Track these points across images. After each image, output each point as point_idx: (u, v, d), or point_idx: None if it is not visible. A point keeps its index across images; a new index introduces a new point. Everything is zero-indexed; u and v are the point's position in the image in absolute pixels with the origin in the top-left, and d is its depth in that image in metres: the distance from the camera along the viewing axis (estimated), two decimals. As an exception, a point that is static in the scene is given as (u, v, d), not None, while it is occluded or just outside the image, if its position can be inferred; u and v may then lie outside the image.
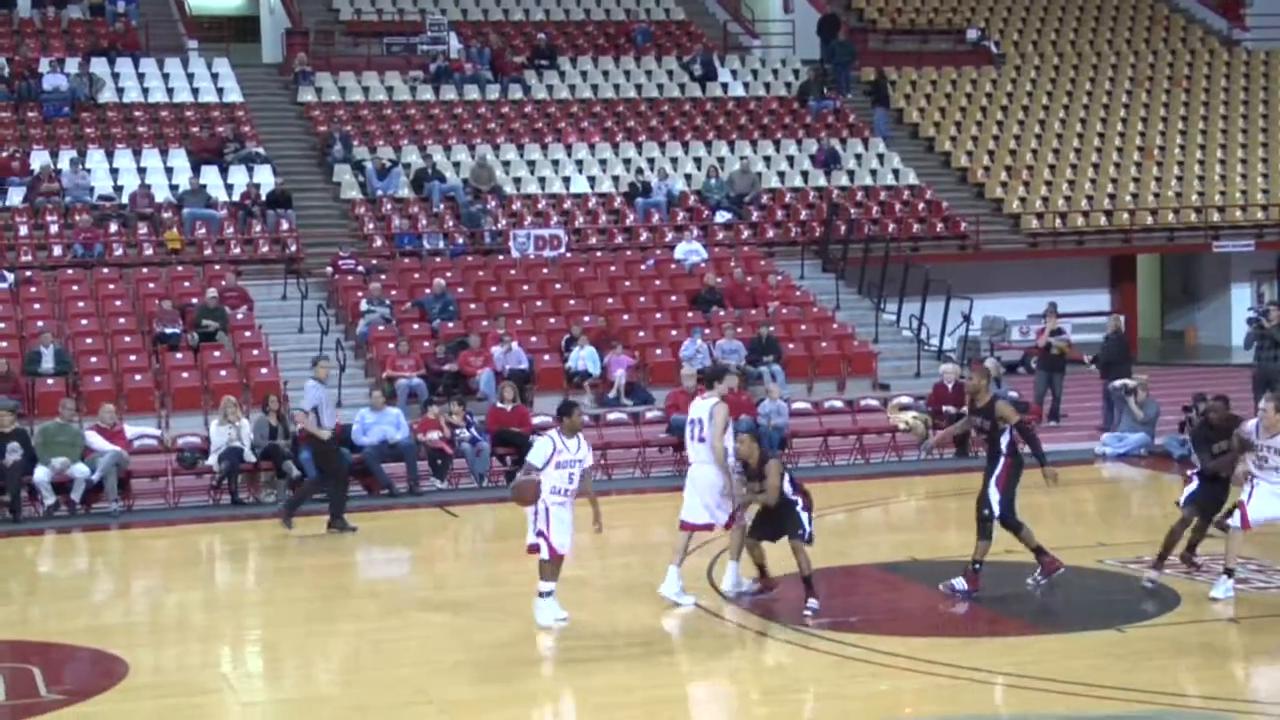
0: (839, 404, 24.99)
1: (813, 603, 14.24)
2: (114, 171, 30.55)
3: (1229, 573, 14.42)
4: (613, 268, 29.32)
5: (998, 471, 14.70)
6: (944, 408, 23.34)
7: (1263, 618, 13.88)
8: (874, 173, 34.41)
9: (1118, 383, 24.10)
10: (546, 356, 25.80)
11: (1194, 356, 35.38)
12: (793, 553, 14.36)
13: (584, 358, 25.43)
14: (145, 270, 27.73)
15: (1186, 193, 35.65)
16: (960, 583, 14.85)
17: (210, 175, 30.69)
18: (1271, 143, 37.58)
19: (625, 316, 27.51)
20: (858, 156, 34.81)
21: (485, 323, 26.36)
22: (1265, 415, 14.30)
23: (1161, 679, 12.48)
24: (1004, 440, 14.67)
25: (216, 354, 24.93)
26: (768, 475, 14.47)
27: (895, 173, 34.46)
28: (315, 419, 19.50)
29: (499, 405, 23.02)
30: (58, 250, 28.17)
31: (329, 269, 28.43)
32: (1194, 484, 15.04)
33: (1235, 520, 14.40)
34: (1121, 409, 23.98)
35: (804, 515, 14.43)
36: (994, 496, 14.70)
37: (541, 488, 13.65)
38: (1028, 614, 14.82)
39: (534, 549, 13.84)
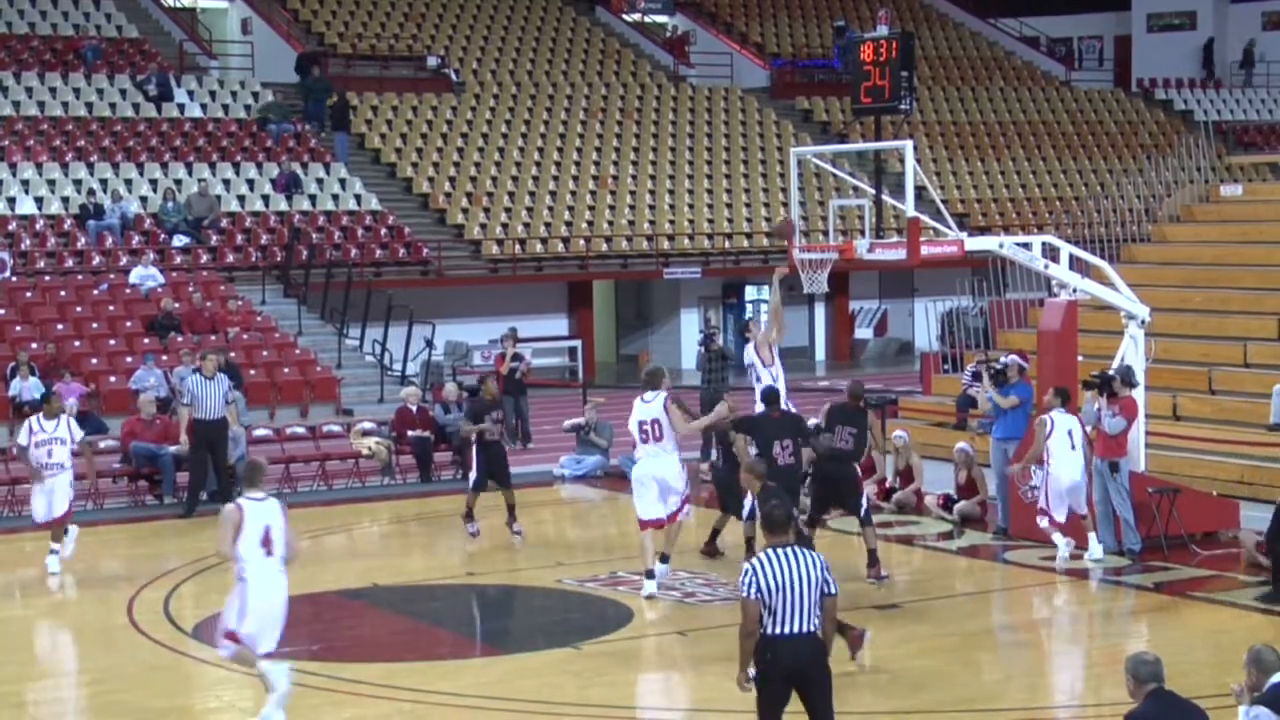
0: (301, 430, 24.79)
1: None
2: None
3: None
4: (63, 293, 28.16)
5: None
6: (407, 432, 23.50)
7: (705, 629, 14.55)
8: (336, 198, 34.29)
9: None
10: (-10, 385, 24.58)
11: (647, 379, 36.68)
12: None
13: (28, 387, 24.31)
14: None
15: (639, 222, 37.07)
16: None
17: None
18: (716, 175, 39.53)
19: (77, 343, 26.47)
20: (319, 181, 34.61)
21: (-79, 350, 24.85)
22: None
23: (614, 693, 12.93)
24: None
25: None
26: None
27: (357, 198, 34.44)
28: None
29: (-66, 437, 21.72)
30: None
31: None
32: None
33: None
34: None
35: None
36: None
37: None
38: (487, 636, 15.08)
39: None
